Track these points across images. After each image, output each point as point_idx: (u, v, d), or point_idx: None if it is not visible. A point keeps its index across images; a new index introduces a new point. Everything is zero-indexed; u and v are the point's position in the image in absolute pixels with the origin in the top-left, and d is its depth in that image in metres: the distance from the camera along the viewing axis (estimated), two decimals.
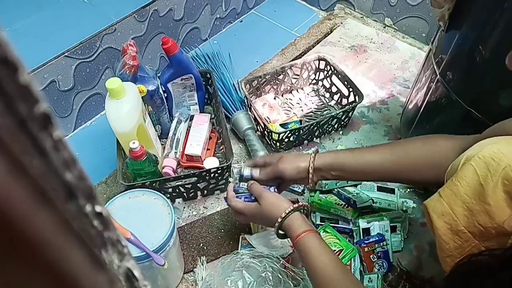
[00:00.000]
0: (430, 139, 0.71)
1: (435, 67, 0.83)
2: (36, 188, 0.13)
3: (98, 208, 0.18)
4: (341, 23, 1.42)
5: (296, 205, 0.70)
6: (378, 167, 0.72)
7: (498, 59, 0.69)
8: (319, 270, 0.64)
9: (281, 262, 0.80)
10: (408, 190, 0.98)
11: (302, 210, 0.72)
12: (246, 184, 0.78)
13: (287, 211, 0.69)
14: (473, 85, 0.75)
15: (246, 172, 0.79)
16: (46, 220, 0.13)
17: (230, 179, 0.96)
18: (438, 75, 0.82)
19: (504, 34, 0.66)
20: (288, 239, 0.72)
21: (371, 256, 0.83)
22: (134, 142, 0.80)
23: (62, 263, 0.15)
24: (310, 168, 0.74)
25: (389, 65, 1.28)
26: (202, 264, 0.85)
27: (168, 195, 0.91)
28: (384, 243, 0.84)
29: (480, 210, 0.53)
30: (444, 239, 0.57)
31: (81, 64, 1.03)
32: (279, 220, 0.69)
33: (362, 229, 0.86)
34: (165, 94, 1.02)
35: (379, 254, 0.83)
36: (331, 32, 1.39)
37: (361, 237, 0.86)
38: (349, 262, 0.84)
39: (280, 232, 0.71)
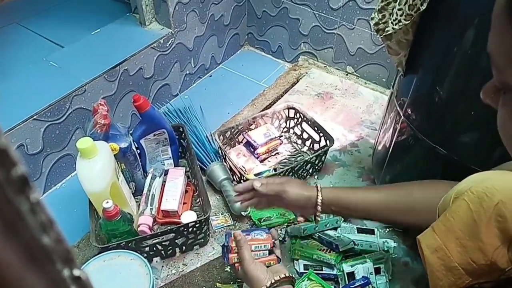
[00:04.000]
0: (433, 183, 0.72)
1: (398, 109, 0.88)
2: (19, 252, 0.12)
3: (76, 272, 0.17)
4: (306, 73, 1.48)
5: (279, 277, 0.68)
6: (380, 205, 0.72)
7: (455, 99, 0.73)
8: None
9: None
10: (388, 230, 0.99)
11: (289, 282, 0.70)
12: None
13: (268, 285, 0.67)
14: (435, 124, 0.79)
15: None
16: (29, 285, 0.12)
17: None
18: (402, 116, 0.86)
19: (457, 75, 0.72)
20: None
21: None
22: (107, 202, 0.78)
23: None
24: (318, 198, 0.73)
25: (355, 110, 1.34)
26: None
27: (145, 255, 0.87)
28: (370, 286, 0.82)
29: (474, 247, 0.53)
30: (437, 276, 0.56)
31: (50, 126, 1.01)
32: None
33: (347, 273, 0.85)
34: (138, 151, 1.01)
35: None
36: (298, 81, 1.45)
37: (346, 282, 0.84)
38: None
39: None
